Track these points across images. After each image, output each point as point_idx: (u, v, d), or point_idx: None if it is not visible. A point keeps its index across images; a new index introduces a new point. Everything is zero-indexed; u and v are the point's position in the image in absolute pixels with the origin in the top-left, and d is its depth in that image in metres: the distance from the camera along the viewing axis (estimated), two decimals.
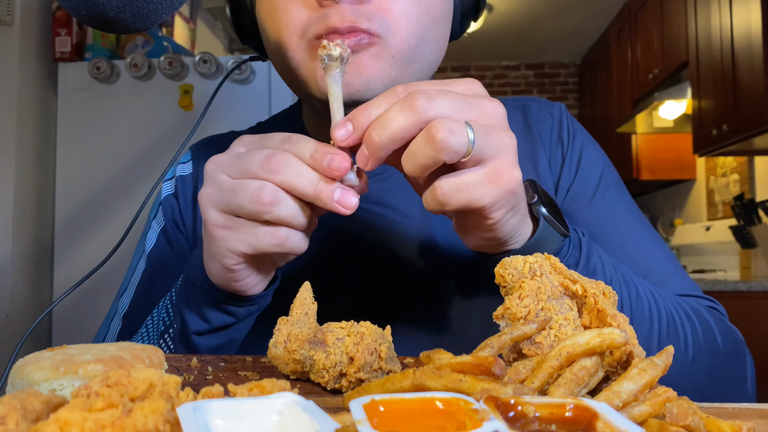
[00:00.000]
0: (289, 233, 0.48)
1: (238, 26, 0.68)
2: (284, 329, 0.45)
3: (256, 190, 0.46)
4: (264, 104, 1.79)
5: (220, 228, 0.48)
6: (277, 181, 0.46)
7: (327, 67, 0.46)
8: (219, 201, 0.48)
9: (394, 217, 0.68)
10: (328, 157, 0.46)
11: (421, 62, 0.61)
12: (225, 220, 0.48)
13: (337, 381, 0.42)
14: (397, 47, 0.58)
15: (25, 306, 1.75)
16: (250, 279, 0.53)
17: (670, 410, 0.30)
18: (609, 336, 0.34)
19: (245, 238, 0.48)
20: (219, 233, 0.49)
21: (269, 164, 0.46)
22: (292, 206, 0.47)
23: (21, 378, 0.36)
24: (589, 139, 0.75)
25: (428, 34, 0.60)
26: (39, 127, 1.82)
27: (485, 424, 0.24)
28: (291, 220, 0.47)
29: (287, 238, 0.48)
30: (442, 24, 0.62)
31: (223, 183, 0.48)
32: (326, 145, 0.47)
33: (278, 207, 0.46)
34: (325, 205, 0.46)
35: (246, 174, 0.47)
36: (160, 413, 0.24)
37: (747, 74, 2.50)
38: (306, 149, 0.47)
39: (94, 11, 0.50)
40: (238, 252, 0.49)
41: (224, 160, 0.49)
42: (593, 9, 4.14)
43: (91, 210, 1.81)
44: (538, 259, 0.43)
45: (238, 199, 0.47)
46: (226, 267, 0.50)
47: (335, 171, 0.45)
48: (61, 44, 1.84)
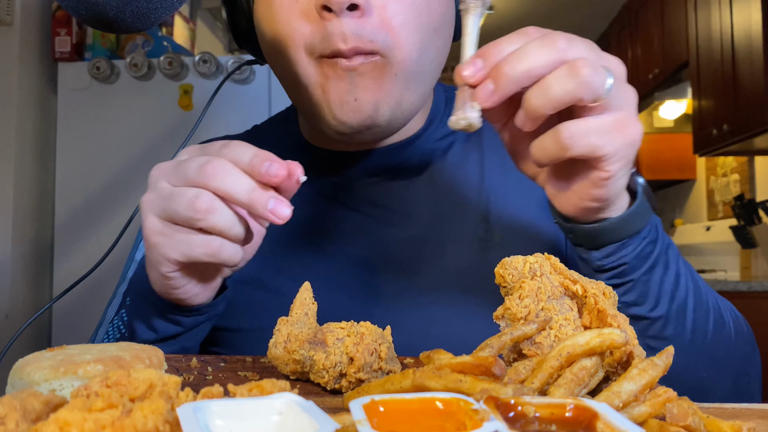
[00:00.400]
0: (222, 243, 0.48)
1: (235, 29, 0.67)
2: (284, 329, 0.45)
3: (193, 197, 0.46)
4: (264, 104, 1.79)
5: (157, 234, 0.48)
6: (212, 187, 0.46)
7: (468, 8, 0.45)
8: (157, 207, 0.48)
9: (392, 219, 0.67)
10: (267, 164, 0.46)
11: (423, 74, 0.61)
12: (161, 226, 0.48)
13: (337, 381, 0.42)
14: (400, 64, 0.58)
15: (25, 306, 1.75)
16: (190, 287, 0.52)
17: (670, 410, 0.30)
18: (609, 336, 0.34)
19: (178, 245, 0.48)
20: (155, 240, 0.49)
21: (205, 171, 0.46)
22: (228, 216, 0.47)
23: (21, 378, 0.36)
24: None
25: (429, 44, 0.60)
26: (39, 127, 1.82)
27: (485, 425, 0.24)
28: (225, 229, 0.47)
29: (220, 249, 0.48)
30: (443, 30, 0.62)
31: (163, 190, 0.48)
32: (265, 153, 0.47)
33: (213, 215, 0.46)
34: (259, 213, 0.46)
35: (184, 181, 0.47)
36: (159, 413, 0.24)
37: (747, 74, 2.50)
38: (245, 155, 0.47)
39: (94, 11, 0.50)
40: (171, 259, 0.49)
41: (166, 168, 0.49)
42: (593, 9, 4.14)
43: (91, 210, 1.81)
44: (538, 259, 0.43)
45: (174, 206, 0.47)
46: (163, 274, 0.50)
47: (273, 177, 0.46)
48: (61, 44, 1.84)
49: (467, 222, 0.67)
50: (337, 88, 0.57)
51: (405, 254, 0.66)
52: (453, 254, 0.66)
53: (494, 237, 0.67)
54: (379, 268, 0.66)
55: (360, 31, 0.55)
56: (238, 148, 0.47)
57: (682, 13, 3.17)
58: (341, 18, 0.55)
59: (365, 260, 0.66)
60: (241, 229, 0.48)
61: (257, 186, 0.46)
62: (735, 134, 2.59)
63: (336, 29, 0.55)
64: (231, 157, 0.47)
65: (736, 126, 2.56)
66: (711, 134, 2.80)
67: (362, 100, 0.57)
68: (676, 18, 3.26)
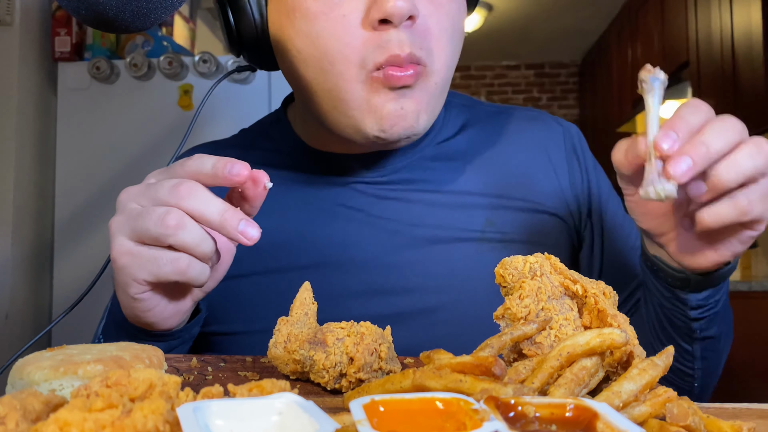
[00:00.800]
0: (190, 262, 0.48)
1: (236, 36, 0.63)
2: (284, 329, 0.45)
3: (163, 213, 0.47)
4: (264, 104, 1.79)
5: (125, 255, 0.48)
6: (185, 207, 0.47)
7: (650, 89, 0.47)
8: (126, 227, 0.48)
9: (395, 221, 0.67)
10: (229, 165, 0.47)
11: (448, 82, 0.62)
12: (130, 246, 0.48)
13: (337, 381, 0.42)
14: (438, 73, 0.59)
15: (25, 306, 1.75)
16: (159, 310, 0.52)
17: (670, 410, 0.30)
18: (609, 336, 0.34)
19: (147, 265, 0.48)
20: (123, 261, 0.49)
21: (178, 191, 0.47)
22: (197, 233, 0.47)
23: (21, 378, 0.36)
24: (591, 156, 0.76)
25: (456, 53, 0.61)
26: (39, 127, 1.82)
27: (485, 425, 0.24)
28: (194, 246, 0.47)
29: (188, 267, 0.48)
30: (462, 39, 0.63)
31: (132, 211, 0.49)
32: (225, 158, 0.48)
33: (183, 231, 0.46)
34: (230, 234, 0.47)
35: (155, 201, 0.48)
36: (159, 413, 0.24)
37: (747, 74, 2.50)
38: (207, 163, 0.48)
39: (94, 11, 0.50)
40: (139, 279, 0.49)
41: (135, 191, 0.50)
42: (593, 9, 4.14)
43: (91, 210, 1.81)
44: (538, 259, 0.43)
45: (145, 223, 0.47)
46: (131, 296, 0.50)
47: (236, 177, 0.47)
48: (61, 44, 1.84)
49: (472, 223, 0.67)
50: (386, 98, 0.57)
51: (410, 255, 0.66)
52: (459, 256, 0.66)
53: (500, 238, 0.67)
54: (383, 270, 0.66)
55: (413, 39, 0.56)
56: (199, 159, 0.49)
57: (682, 13, 3.17)
58: (399, 28, 0.55)
59: (368, 262, 0.66)
60: (209, 247, 0.48)
61: (228, 207, 0.47)
62: None
63: (393, 37, 0.55)
64: (195, 169, 0.48)
65: None
66: None
67: (407, 109, 0.57)
68: (676, 18, 3.26)
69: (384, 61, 0.55)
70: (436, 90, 0.59)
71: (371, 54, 0.55)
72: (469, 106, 0.76)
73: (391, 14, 0.53)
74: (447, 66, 0.59)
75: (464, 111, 0.74)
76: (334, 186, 0.68)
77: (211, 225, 0.47)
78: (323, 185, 0.69)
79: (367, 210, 0.67)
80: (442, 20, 0.57)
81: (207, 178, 0.48)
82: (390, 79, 0.55)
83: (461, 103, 0.76)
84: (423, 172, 0.69)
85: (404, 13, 0.53)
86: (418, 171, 0.69)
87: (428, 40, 0.57)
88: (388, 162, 0.68)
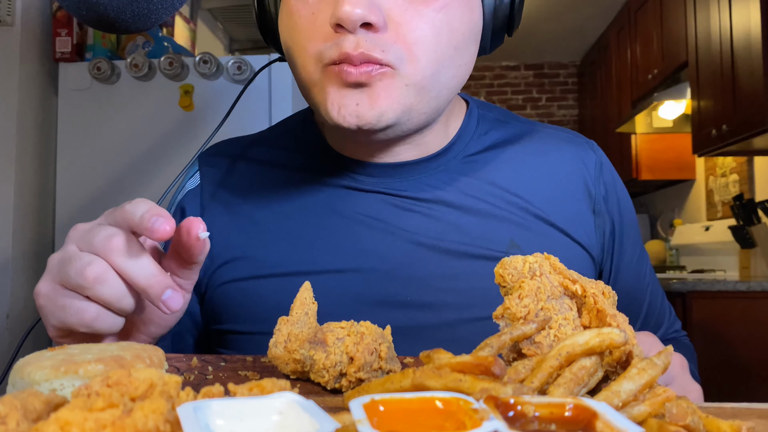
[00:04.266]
0: (99, 314, 0.47)
1: (263, 28, 0.69)
2: (284, 329, 0.45)
3: (85, 264, 0.45)
4: (264, 104, 1.79)
5: (41, 297, 0.48)
6: (113, 261, 0.46)
7: None
8: (54, 269, 0.48)
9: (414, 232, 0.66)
10: (154, 219, 0.45)
11: (439, 90, 0.60)
12: (48, 289, 0.47)
13: (337, 381, 0.42)
14: (412, 77, 0.58)
15: (25, 306, 1.75)
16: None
17: (669, 410, 0.30)
18: (608, 336, 0.34)
19: (56, 311, 0.47)
20: (39, 302, 0.48)
21: (111, 243, 0.46)
22: (117, 288, 0.46)
23: (21, 378, 0.36)
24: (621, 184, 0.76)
25: (448, 61, 0.59)
26: (39, 128, 1.82)
27: (485, 424, 0.24)
28: (113, 301, 0.46)
29: (95, 319, 0.47)
30: (465, 49, 0.61)
31: (67, 252, 0.47)
32: (159, 209, 0.46)
33: (101, 286, 0.45)
34: (152, 300, 0.46)
35: (88, 248, 0.47)
36: (160, 413, 0.24)
37: (746, 74, 2.50)
38: (137, 211, 0.46)
39: (95, 11, 0.51)
40: (50, 325, 0.48)
41: (81, 230, 0.49)
42: (593, 9, 4.14)
43: (91, 210, 1.81)
44: (538, 259, 0.43)
45: (67, 269, 0.46)
46: (54, 339, 0.50)
47: (155, 233, 0.45)
48: (62, 44, 1.84)
49: (493, 240, 0.66)
50: (339, 93, 0.57)
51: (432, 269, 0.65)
52: (482, 274, 0.65)
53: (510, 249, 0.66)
54: (403, 282, 0.65)
55: (374, 43, 0.56)
56: (135, 206, 0.47)
57: (681, 14, 3.17)
58: (355, 35, 0.55)
59: (388, 272, 0.65)
60: (129, 303, 0.47)
61: (157, 272, 0.46)
62: (734, 134, 2.59)
63: (350, 39, 0.55)
64: (129, 216, 0.47)
65: (735, 126, 2.56)
66: (710, 134, 2.80)
67: (363, 105, 0.57)
68: (675, 18, 3.26)
69: (336, 58, 0.56)
70: (411, 92, 0.58)
71: (327, 50, 0.57)
72: (503, 122, 0.74)
73: (340, 19, 0.54)
74: (426, 74, 0.58)
75: (497, 126, 0.73)
76: (357, 192, 0.68)
77: (136, 287, 0.46)
78: (346, 191, 0.68)
79: (391, 221, 0.67)
80: (422, 29, 0.57)
81: (136, 228, 0.46)
82: (341, 73, 0.56)
83: (495, 118, 0.75)
84: (449, 187, 0.68)
85: (354, 20, 0.54)
86: (444, 186, 0.68)
87: (399, 45, 0.57)
88: (413, 173, 0.68)
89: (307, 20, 0.59)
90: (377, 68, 0.56)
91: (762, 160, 3.09)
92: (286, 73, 1.69)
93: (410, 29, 0.57)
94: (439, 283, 0.65)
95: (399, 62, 0.57)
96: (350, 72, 0.56)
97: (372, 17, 0.54)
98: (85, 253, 0.47)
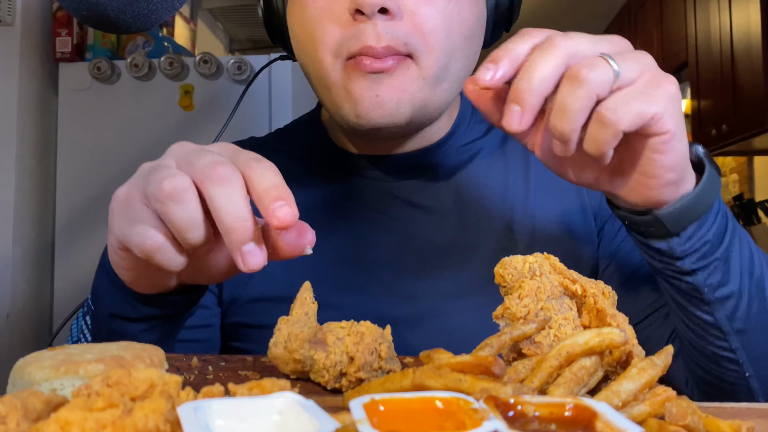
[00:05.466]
0: (162, 246, 0.41)
1: (269, 25, 0.69)
2: (284, 329, 0.45)
3: (168, 175, 0.39)
4: (264, 104, 1.79)
5: (116, 201, 0.43)
6: (206, 186, 0.39)
7: None
8: (141, 176, 0.42)
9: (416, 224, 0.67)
10: (280, 204, 0.39)
11: (450, 81, 0.61)
12: (126, 196, 0.42)
13: (337, 380, 0.42)
14: (428, 69, 0.58)
15: (25, 306, 1.75)
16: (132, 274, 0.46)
17: (669, 410, 0.30)
18: (608, 336, 0.34)
19: (122, 223, 0.42)
20: (112, 205, 0.43)
21: (214, 170, 0.39)
22: (192, 214, 0.39)
23: (22, 378, 0.36)
24: None
25: (459, 52, 0.60)
26: (39, 127, 1.82)
27: (485, 424, 0.24)
28: (181, 227, 0.39)
29: (156, 250, 0.41)
30: (474, 39, 0.62)
31: (159, 162, 0.42)
32: (286, 190, 0.40)
33: (176, 204, 0.39)
34: (230, 245, 0.39)
35: (186, 167, 0.41)
36: (160, 413, 0.24)
37: (746, 74, 2.50)
38: (264, 180, 0.40)
39: (95, 11, 0.51)
40: (113, 234, 0.43)
41: (189, 148, 0.43)
42: (593, 9, 4.14)
43: (91, 210, 1.81)
44: (538, 259, 0.43)
45: (149, 177, 0.40)
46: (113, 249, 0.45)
47: (277, 219, 0.38)
48: (62, 44, 1.84)
49: (491, 230, 0.67)
50: (360, 85, 0.57)
51: (429, 259, 0.66)
52: (477, 261, 0.66)
53: (518, 246, 0.67)
54: (403, 271, 0.66)
55: (394, 32, 0.56)
56: (263, 171, 0.40)
57: (681, 14, 3.17)
58: (374, 20, 0.55)
59: (389, 263, 0.66)
60: (198, 236, 0.40)
61: (251, 220, 0.39)
62: (734, 134, 2.59)
63: (369, 29, 0.56)
64: (251, 176, 0.40)
65: (735, 126, 2.56)
66: (710, 134, 2.80)
67: (384, 97, 0.57)
68: (675, 18, 3.26)
69: (357, 51, 0.56)
70: (427, 85, 0.59)
71: (347, 43, 0.57)
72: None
73: (359, 4, 0.54)
74: (440, 65, 0.59)
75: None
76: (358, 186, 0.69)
77: (219, 223, 0.39)
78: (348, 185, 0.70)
79: (388, 210, 0.68)
80: (435, 18, 0.58)
81: (253, 195, 0.40)
82: (363, 66, 0.56)
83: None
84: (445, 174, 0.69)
85: (374, 3, 0.54)
86: (440, 173, 0.69)
87: (416, 35, 0.57)
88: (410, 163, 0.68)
89: (323, 10, 0.58)
90: (401, 60, 0.57)
91: (762, 160, 3.09)
92: (286, 73, 1.69)
93: (425, 19, 0.57)
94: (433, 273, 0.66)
95: (419, 52, 0.57)
96: (373, 65, 0.56)
97: (389, 3, 0.55)
98: (173, 168, 0.41)
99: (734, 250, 0.50)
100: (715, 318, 0.51)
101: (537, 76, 0.41)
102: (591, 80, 0.40)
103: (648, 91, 0.41)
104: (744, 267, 0.51)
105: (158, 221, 0.41)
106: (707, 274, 0.49)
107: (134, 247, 0.41)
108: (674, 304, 0.54)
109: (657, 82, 0.42)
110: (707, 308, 0.51)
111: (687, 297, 0.51)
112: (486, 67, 0.43)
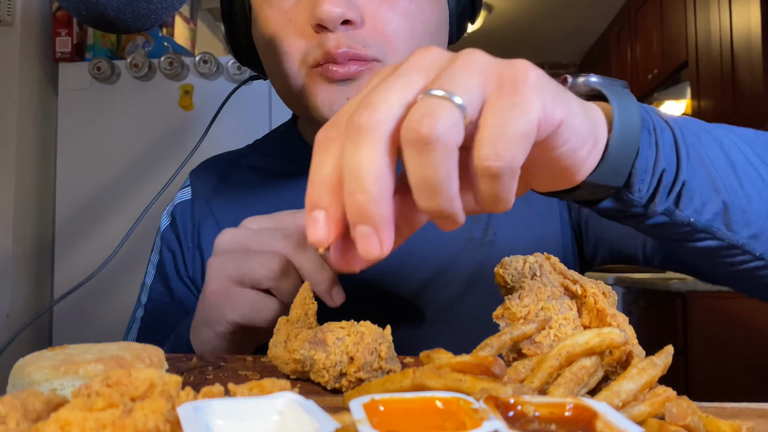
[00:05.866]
0: (277, 308, 0.52)
1: (235, 47, 0.70)
2: (284, 329, 0.45)
3: (270, 257, 0.50)
4: (264, 105, 1.79)
5: (218, 295, 0.52)
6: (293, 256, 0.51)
7: None
8: (231, 265, 0.52)
9: None
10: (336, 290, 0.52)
11: None
12: (227, 286, 0.52)
13: (337, 381, 0.42)
14: None
15: (25, 306, 1.75)
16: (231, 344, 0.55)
17: (669, 410, 0.30)
18: (608, 336, 0.34)
19: (237, 306, 0.52)
20: (215, 300, 0.52)
21: (291, 240, 0.51)
22: (294, 283, 0.51)
23: (21, 378, 0.36)
24: None
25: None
26: (39, 127, 1.82)
27: (485, 424, 0.24)
28: (287, 294, 0.51)
29: (278, 311, 0.52)
30: (438, 35, 0.63)
31: (238, 251, 0.52)
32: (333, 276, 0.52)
33: (285, 279, 0.51)
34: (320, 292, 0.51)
35: (264, 246, 0.52)
36: (160, 413, 0.24)
37: (746, 74, 2.50)
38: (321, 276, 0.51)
39: (95, 11, 0.51)
40: (226, 320, 0.52)
41: (242, 233, 0.53)
42: (593, 9, 4.14)
43: (91, 210, 1.81)
44: (538, 259, 0.43)
45: (251, 263, 0.51)
46: (217, 334, 0.53)
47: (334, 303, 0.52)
48: (62, 44, 1.84)
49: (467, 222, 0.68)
50: (328, 89, 0.59)
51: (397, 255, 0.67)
52: (447, 255, 0.66)
53: (487, 235, 0.67)
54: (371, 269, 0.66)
55: (354, 40, 0.57)
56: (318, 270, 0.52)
57: (681, 14, 3.17)
58: (336, 32, 0.57)
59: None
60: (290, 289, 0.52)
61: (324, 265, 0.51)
62: None
63: (330, 37, 0.57)
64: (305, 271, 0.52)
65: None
66: None
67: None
68: (675, 18, 3.26)
69: (321, 59, 0.57)
70: None
71: (312, 52, 0.58)
72: None
73: (321, 19, 0.55)
74: None
75: None
76: None
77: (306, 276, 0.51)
78: None
79: None
80: (397, 20, 0.59)
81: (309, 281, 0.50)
82: (327, 72, 0.58)
83: None
84: None
85: (335, 17, 0.55)
86: None
87: (378, 38, 0.58)
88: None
89: (285, 26, 0.60)
90: (362, 64, 0.58)
91: None
92: None
93: (386, 21, 0.58)
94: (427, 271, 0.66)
95: (382, 56, 0.58)
96: (336, 71, 0.57)
97: (350, 14, 0.56)
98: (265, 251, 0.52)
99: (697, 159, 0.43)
100: (724, 239, 0.45)
101: (369, 180, 0.30)
102: (437, 135, 0.29)
103: (512, 100, 0.31)
104: (720, 167, 0.44)
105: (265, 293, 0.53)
106: (686, 202, 0.42)
107: (258, 319, 0.53)
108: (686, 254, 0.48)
109: (512, 81, 0.32)
110: (710, 234, 0.44)
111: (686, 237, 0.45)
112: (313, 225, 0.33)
